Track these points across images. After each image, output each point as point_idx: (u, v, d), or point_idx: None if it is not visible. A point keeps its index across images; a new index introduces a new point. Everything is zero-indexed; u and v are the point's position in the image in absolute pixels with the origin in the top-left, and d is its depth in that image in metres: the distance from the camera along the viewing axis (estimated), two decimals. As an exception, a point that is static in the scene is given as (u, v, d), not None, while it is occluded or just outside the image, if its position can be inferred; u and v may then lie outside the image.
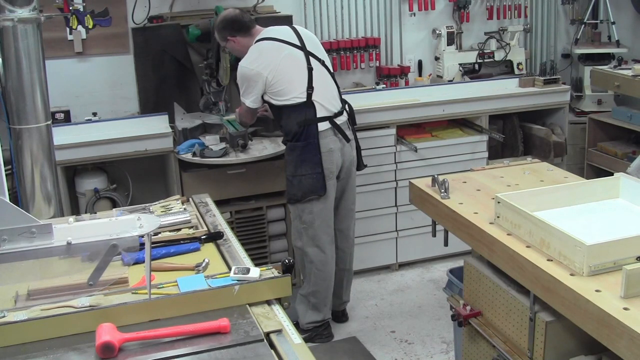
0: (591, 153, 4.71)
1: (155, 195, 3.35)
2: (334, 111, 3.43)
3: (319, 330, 3.64)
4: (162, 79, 4.14)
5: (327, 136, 3.39)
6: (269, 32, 3.46)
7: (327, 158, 3.39)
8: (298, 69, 3.37)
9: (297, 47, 3.41)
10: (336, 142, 3.43)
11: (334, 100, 3.47)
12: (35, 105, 2.74)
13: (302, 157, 3.38)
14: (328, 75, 3.49)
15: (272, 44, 3.40)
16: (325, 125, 3.39)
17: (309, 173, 3.38)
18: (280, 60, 3.35)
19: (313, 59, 3.42)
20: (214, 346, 1.59)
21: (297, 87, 3.35)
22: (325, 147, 3.38)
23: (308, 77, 3.37)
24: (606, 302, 1.73)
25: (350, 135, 3.53)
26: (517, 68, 4.95)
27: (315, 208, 3.44)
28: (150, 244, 1.73)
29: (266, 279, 1.83)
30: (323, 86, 3.41)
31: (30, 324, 1.63)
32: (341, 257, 3.71)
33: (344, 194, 3.61)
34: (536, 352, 2.11)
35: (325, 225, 3.49)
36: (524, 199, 2.23)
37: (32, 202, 2.81)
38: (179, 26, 4.12)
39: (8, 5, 2.61)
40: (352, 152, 3.55)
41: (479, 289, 2.42)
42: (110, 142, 3.73)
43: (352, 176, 3.61)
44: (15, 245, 1.64)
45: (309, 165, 3.38)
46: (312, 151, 3.37)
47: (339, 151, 3.45)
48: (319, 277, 3.55)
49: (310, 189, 3.40)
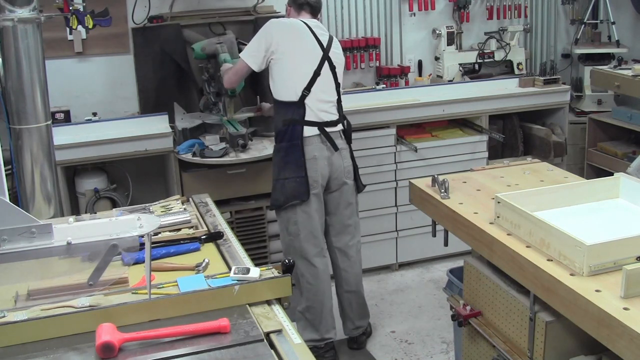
0: (591, 153, 4.71)
1: (155, 195, 3.35)
2: (325, 120, 3.32)
3: (320, 351, 3.41)
4: (162, 79, 4.14)
5: (312, 143, 3.27)
6: (310, 22, 3.39)
7: (311, 166, 3.26)
8: (307, 65, 3.29)
9: (321, 46, 3.34)
10: (322, 150, 3.29)
11: (330, 110, 3.35)
12: (35, 105, 2.74)
13: (285, 159, 3.28)
14: (332, 86, 3.37)
15: (305, 29, 3.34)
16: (312, 130, 3.28)
17: (292, 177, 3.26)
18: (299, 44, 3.30)
19: (327, 65, 3.33)
20: (214, 346, 1.59)
21: (297, 82, 3.27)
22: (310, 154, 3.26)
23: (311, 79, 3.29)
24: (606, 302, 1.73)
25: (341, 145, 3.37)
26: (517, 68, 4.95)
27: (300, 217, 3.31)
28: (150, 244, 1.73)
29: (266, 279, 1.82)
30: (322, 94, 3.31)
31: (30, 324, 1.63)
32: (345, 278, 3.51)
33: (338, 208, 3.43)
34: (536, 352, 2.11)
35: (311, 237, 3.34)
36: (524, 199, 2.23)
37: (32, 202, 2.81)
38: (179, 26, 4.12)
39: (8, 5, 2.61)
40: (342, 162, 3.37)
41: (479, 289, 2.42)
42: (110, 142, 3.74)
43: (346, 190, 3.42)
44: (15, 245, 1.64)
45: (292, 168, 3.26)
46: (295, 153, 3.25)
47: (325, 160, 3.30)
48: (310, 292, 3.38)
49: (292, 193, 3.27)
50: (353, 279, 3.54)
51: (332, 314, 3.48)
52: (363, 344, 3.62)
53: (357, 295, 3.57)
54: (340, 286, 3.55)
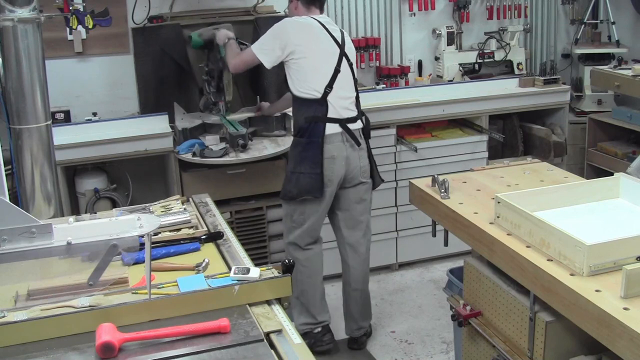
0: (591, 153, 4.71)
1: (155, 195, 3.35)
2: (346, 116, 3.33)
3: (317, 336, 3.48)
4: (162, 79, 4.13)
5: (333, 142, 3.29)
6: (321, 18, 3.39)
7: (328, 165, 3.28)
8: (327, 64, 3.29)
9: (337, 43, 3.34)
10: (342, 150, 3.31)
11: (350, 107, 3.36)
12: (35, 105, 2.74)
13: (303, 154, 3.29)
14: (351, 82, 3.39)
15: (320, 27, 3.33)
16: (334, 128, 3.29)
17: (308, 172, 3.27)
18: (318, 45, 3.29)
19: (345, 62, 3.34)
20: (214, 346, 1.59)
21: (318, 81, 3.26)
22: (329, 154, 3.28)
23: (332, 76, 3.28)
24: (606, 302, 1.73)
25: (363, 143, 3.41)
26: (517, 68, 4.95)
27: (308, 210, 3.35)
28: (150, 244, 1.73)
29: (266, 279, 1.82)
30: (343, 91, 3.32)
31: (30, 324, 1.63)
32: (353, 275, 3.53)
33: (351, 204, 3.45)
34: (536, 352, 2.11)
35: (312, 229, 3.40)
36: (524, 199, 2.23)
37: (32, 202, 2.81)
38: (179, 26, 4.11)
39: (8, 5, 2.61)
40: (359, 162, 3.38)
41: (479, 289, 2.42)
42: (110, 142, 3.73)
43: (361, 187, 3.44)
44: (15, 245, 1.63)
45: (309, 164, 3.27)
46: (314, 150, 3.26)
47: (343, 160, 3.32)
48: (304, 275, 3.43)
49: (307, 188, 3.29)
50: (361, 277, 3.55)
51: (324, 298, 3.55)
52: (363, 344, 3.62)
53: (363, 295, 3.58)
54: (348, 284, 3.56)
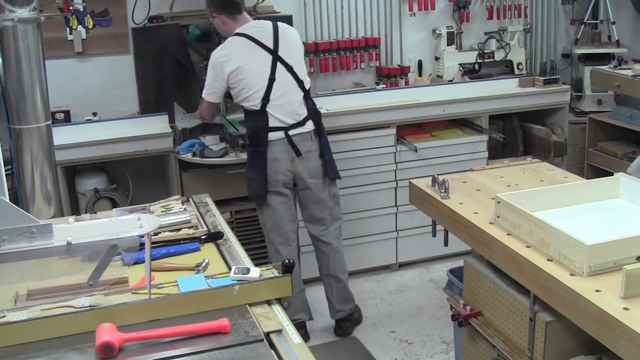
0: (591, 153, 4.71)
1: (155, 195, 3.36)
2: (290, 122, 3.39)
3: None
4: (162, 79, 4.14)
5: (277, 145, 3.38)
6: (247, 28, 3.42)
7: (272, 166, 3.39)
8: (261, 76, 3.35)
9: (268, 50, 3.37)
10: (284, 153, 3.40)
11: (298, 110, 3.41)
12: (35, 105, 2.74)
13: (252, 161, 3.45)
14: (293, 84, 3.41)
15: (245, 43, 3.38)
16: (277, 135, 3.38)
17: (255, 178, 3.43)
18: (249, 62, 3.35)
19: (280, 66, 3.37)
20: (214, 346, 1.59)
21: (255, 94, 3.34)
22: (272, 155, 3.39)
23: (267, 87, 3.34)
24: (606, 302, 1.73)
25: (308, 148, 3.44)
26: (517, 68, 4.95)
27: (264, 210, 3.50)
28: (150, 244, 1.73)
29: (266, 279, 1.83)
30: (282, 97, 3.37)
31: (30, 324, 1.63)
32: (324, 262, 3.67)
33: (308, 204, 3.55)
34: (536, 352, 2.11)
35: (276, 227, 3.51)
36: (524, 199, 2.23)
37: (32, 202, 2.81)
38: (179, 26, 4.11)
39: (8, 5, 2.61)
40: (307, 165, 3.45)
41: (479, 289, 2.42)
42: (110, 142, 3.74)
43: (314, 187, 3.50)
44: (15, 245, 1.64)
45: (255, 171, 3.42)
46: (258, 158, 3.39)
47: (288, 161, 3.41)
48: None
49: (254, 193, 3.47)
50: (332, 264, 3.66)
51: (303, 298, 3.64)
52: (348, 330, 3.74)
53: (336, 280, 3.69)
54: (321, 269, 3.71)
